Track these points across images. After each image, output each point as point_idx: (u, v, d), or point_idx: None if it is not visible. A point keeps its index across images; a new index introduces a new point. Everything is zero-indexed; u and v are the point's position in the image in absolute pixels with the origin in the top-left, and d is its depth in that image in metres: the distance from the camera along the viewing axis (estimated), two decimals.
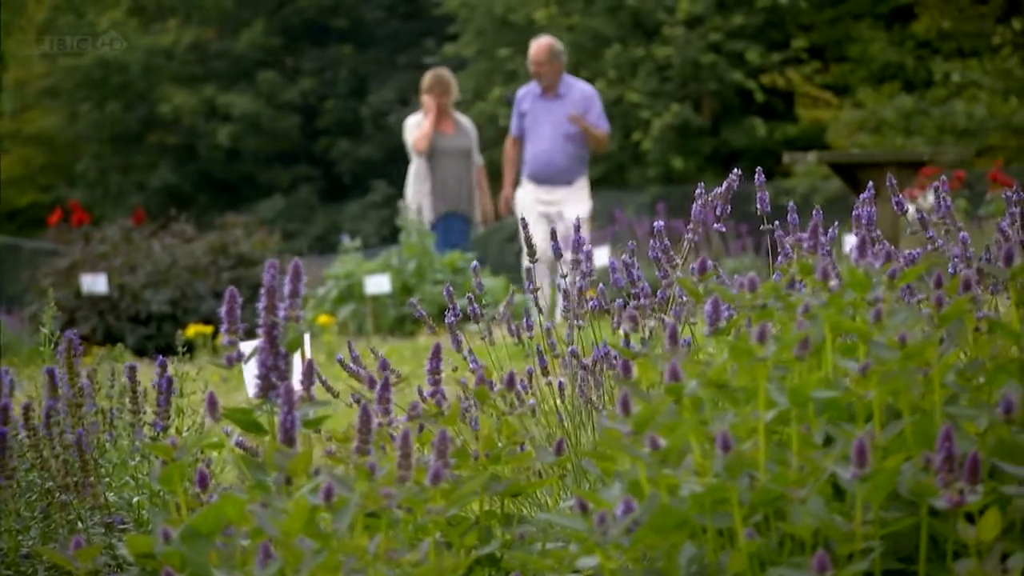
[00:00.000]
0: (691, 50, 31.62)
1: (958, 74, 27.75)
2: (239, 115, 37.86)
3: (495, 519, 2.68)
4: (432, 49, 36.62)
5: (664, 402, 2.44)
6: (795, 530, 2.40)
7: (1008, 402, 2.38)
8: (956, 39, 29.60)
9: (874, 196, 4.49)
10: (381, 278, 13.09)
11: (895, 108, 27.47)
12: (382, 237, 33.93)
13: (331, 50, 39.31)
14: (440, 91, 13.22)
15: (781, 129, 31.78)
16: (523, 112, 12.35)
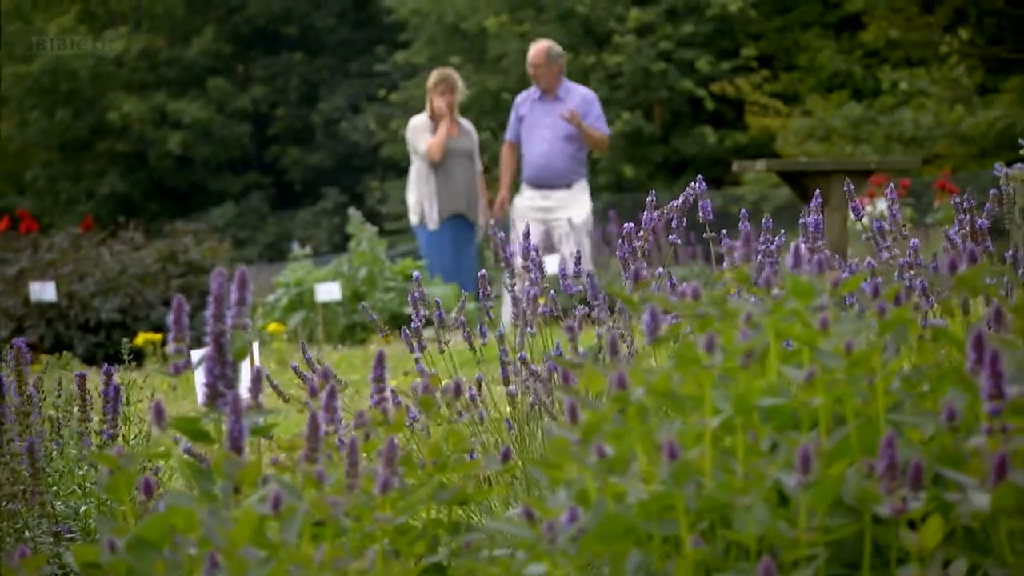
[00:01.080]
0: (641, 58, 31.72)
1: (906, 83, 27.94)
2: (189, 122, 37.72)
3: (443, 527, 2.69)
4: (383, 57, 36.61)
5: (611, 410, 2.45)
6: (740, 537, 2.41)
7: (951, 410, 2.40)
8: (904, 48, 29.80)
9: (822, 204, 4.52)
10: (332, 286, 13.07)
11: (844, 116, 27.64)
12: (333, 244, 33.89)
13: (282, 57, 39.24)
14: (446, 88, 12.95)
15: (731, 137, 31.92)
16: (521, 116, 12.23)
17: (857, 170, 10.42)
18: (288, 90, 39.09)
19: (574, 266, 4.16)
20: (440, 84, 12.86)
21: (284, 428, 7.43)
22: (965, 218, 3.67)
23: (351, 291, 13.64)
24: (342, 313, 13.44)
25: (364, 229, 14.19)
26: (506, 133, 12.55)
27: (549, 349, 4.28)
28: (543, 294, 4.44)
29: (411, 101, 34.74)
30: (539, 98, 12.15)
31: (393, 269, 14.16)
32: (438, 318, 4.14)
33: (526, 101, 12.26)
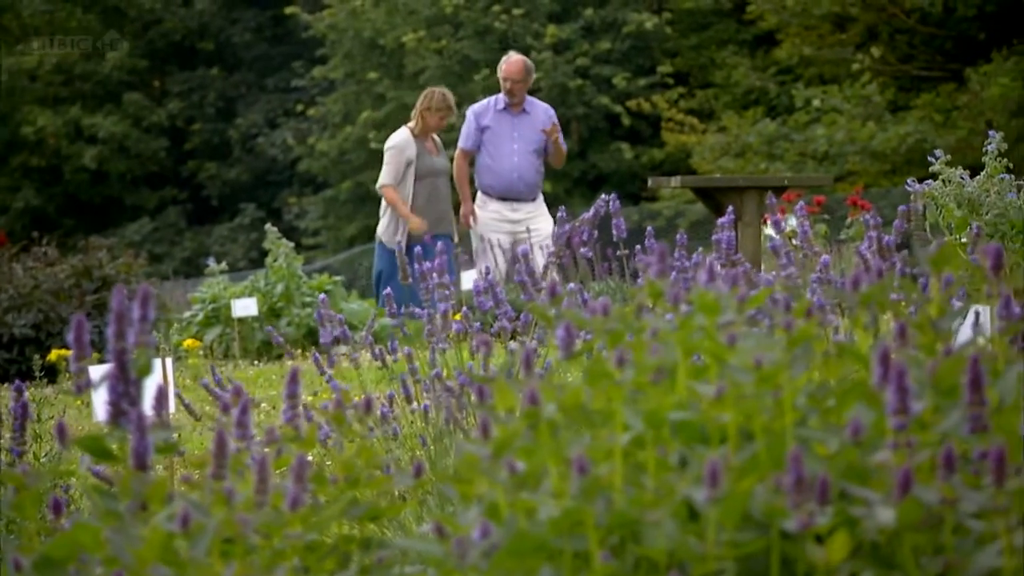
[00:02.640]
0: (559, 75, 31.84)
1: (819, 100, 28.22)
2: (105, 137, 37.46)
3: (354, 543, 2.68)
4: (301, 72, 36.51)
5: (522, 426, 2.46)
6: (650, 552, 2.42)
7: (856, 425, 2.42)
8: (817, 66, 30.12)
9: (736, 220, 4.56)
10: (248, 301, 13.01)
11: (758, 133, 27.88)
12: (251, 260, 33.75)
13: (199, 72, 39.05)
14: (445, 113, 12.57)
15: (648, 153, 32.10)
16: (484, 127, 12.08)
17: (770, 186, 10.50)
18: (205, 105, 38.91)
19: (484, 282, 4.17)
20: (443, 110, 12.42)
21: (200, 445, 7.39)
22: (874, 235, 3.71)
23: (268, 307, 13.59)
24: (259, 329, 13.38)
25: (281, 245, 14.14)
26: (461, 140, 12.19)
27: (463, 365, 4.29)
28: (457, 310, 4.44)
29: (329, 116, 34.70)
30: (503, 110, 12.08)
31: (310, 285, 14.12)
32: (343, 335, 4.14)
33: (488, 112, 12.12)
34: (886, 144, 26.55)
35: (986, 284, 2.40)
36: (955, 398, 2.43)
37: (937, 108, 27.93)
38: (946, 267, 2.50)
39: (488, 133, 12.00)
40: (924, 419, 2.40)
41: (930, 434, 2.40)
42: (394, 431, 4.35)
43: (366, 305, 14.63)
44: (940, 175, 9.00)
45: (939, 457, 2.31)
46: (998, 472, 2.26)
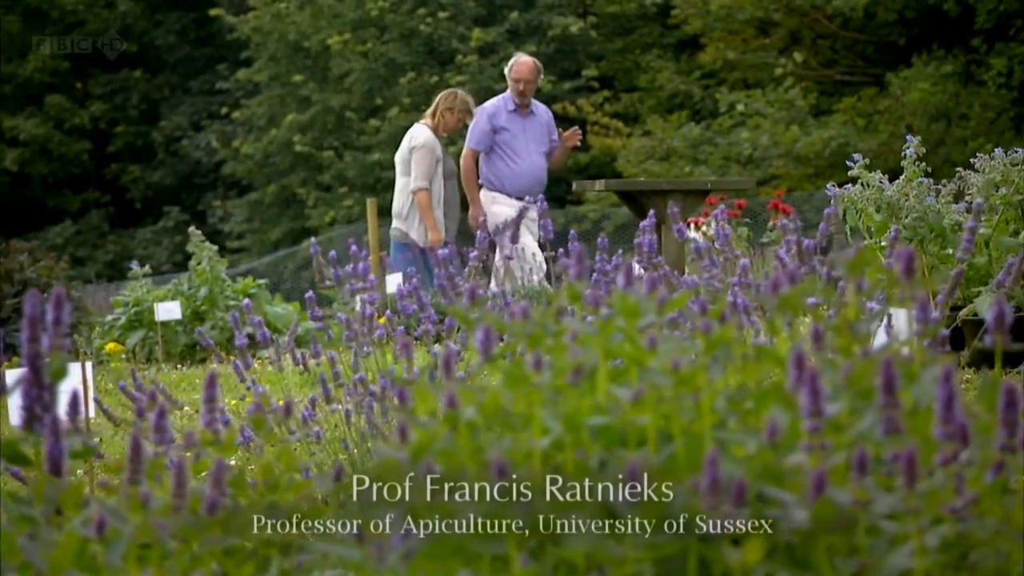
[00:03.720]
0: (485, 78, 31.84)
1: (743, 104, 28.40)
2: (26, 139, 37.11)
3: (273, 548, 2.68)
4: (225, 74, 36.33)
5: (441, 429, 2.46)
6: (569, 555, 2.43)
7: (773, 427, 2.44)
8: (741, 70, 30.30)
9: (660, 224, 4.57)
10: (172, 305, 12.93)
11: (683, 137, 28.02)
12: (175, 263, 33.54)
13: (122, 75, 38.75)
14: (464, 117, 12.30)
15: (573, 157, 32.15)
16: (500, 128, 12.00)
17: (694, 190, 10.58)
18: (128, 107, 38.63)
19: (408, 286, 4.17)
20: (464, 113, 12.16)
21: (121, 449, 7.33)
22: (792, 238, 3.74)
23: (191, 310, 13.52)
24: (182, 332, 13.30)
25: (205, 248, 14.07)
26: (471, 140, 12.03)
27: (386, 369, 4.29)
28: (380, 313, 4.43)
29: (254, 119, 34.54)
30: (513, 111, 12.07)
31: (234, 288, 14.06)
32: (262, 338, 4.12)
33: (501, 113, 12.07)
34: (809, 148, 26.77)
35: (899, 288, 2.43)
36: (870, 400, 2.46)
37: (859, 112, 28.19)
38: (861, 271, 2.52)
39: (504, 135, 11.96)
40: (839, 421, 2.42)
41: (845, 436, 2.42)
42: (316, 435, 4.34)
43: (290, 308, 14.59)
44: (860, 179, 9.08)
45: (853, 459, 2.33)
46: (910, 474, 2.28)
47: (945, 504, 2.32)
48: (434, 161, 12.02)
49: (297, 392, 7.60)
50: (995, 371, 2.50)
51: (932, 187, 9.04)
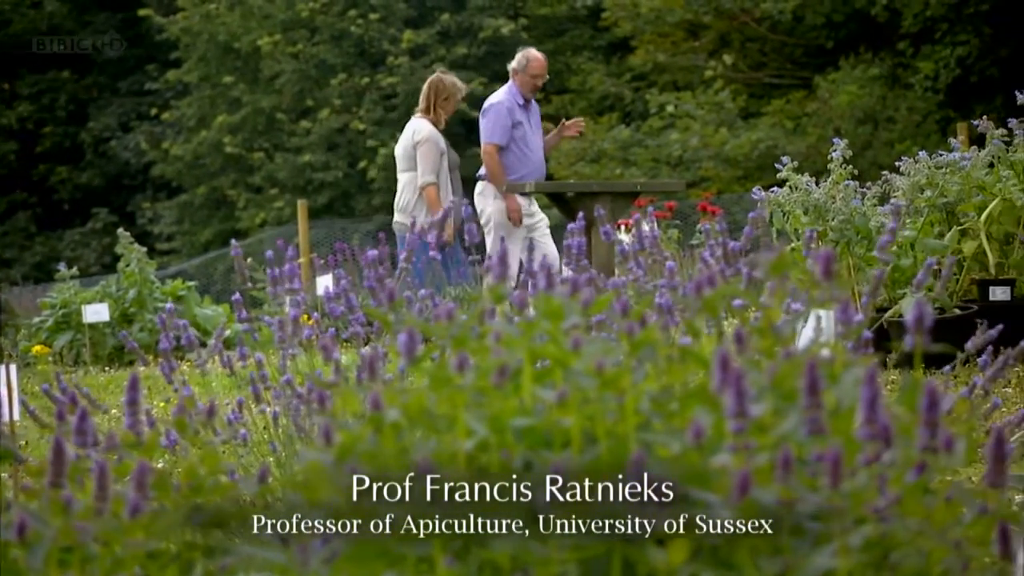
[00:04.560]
0: (416, 79, 31.80)
1: (673, 106, 28.51)
2: None
3: (197, 551, 2.66)
4: (154, 75, 36.11)
5: (365, 431, 2.46)
6: (494, 556, 2.43)
7: (697, 428, 2.45)
8: (671, 72, 30.42)
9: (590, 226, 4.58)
10: (100, 307, 12.82)
11: (613, 139, 28.10)
12: (103, 265, 33.30)
13: (49, 75, 38.41)
14: (457, 95, 12.23)
15: None
16: (517, 122, 12.00)
17: (624, 192, 10.60)
18: (56, 108, 38.29)
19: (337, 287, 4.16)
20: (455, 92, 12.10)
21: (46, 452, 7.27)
22: (718, 240, 3.76)
23: (120, 312, 13.43)
24: (110, 334, 13.21)
25: (133, 249, 13.98)
26: (495, 136, 11.85)
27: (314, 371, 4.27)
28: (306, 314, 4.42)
29: (183, 120, 34.35)
30: (522, 106, 12.09)
31: (163, 290, 13.98)
32: (187, 340, 4.10)
33: (514, 108, 12.10)
34: (738, 150, 26.91)
35: (818, 289, 2.44)
36: (794, 401, 2.47)
37: (788, 115, 28.36)
38: (783, 272, 2.54)
39: (519, 129, 11.97)
40: (764, 422, 2.43)
41: (769, 437, 2.43)
42: (243, 437, 4.32)
43: (220, 310, 14.51)
44: (788, 182, 9.14)
45: (777, 460, 2.35)
46: (834, 474, 2.30)
47: (868, 504, 2.34)
48: (439, 154, 12.01)
49: (226, 395, 7.56)
50: (916, 372, 2.52)
51: (858, 190, 9.11)
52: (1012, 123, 9.32)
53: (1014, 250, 9.09)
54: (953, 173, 9.12)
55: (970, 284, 9.11)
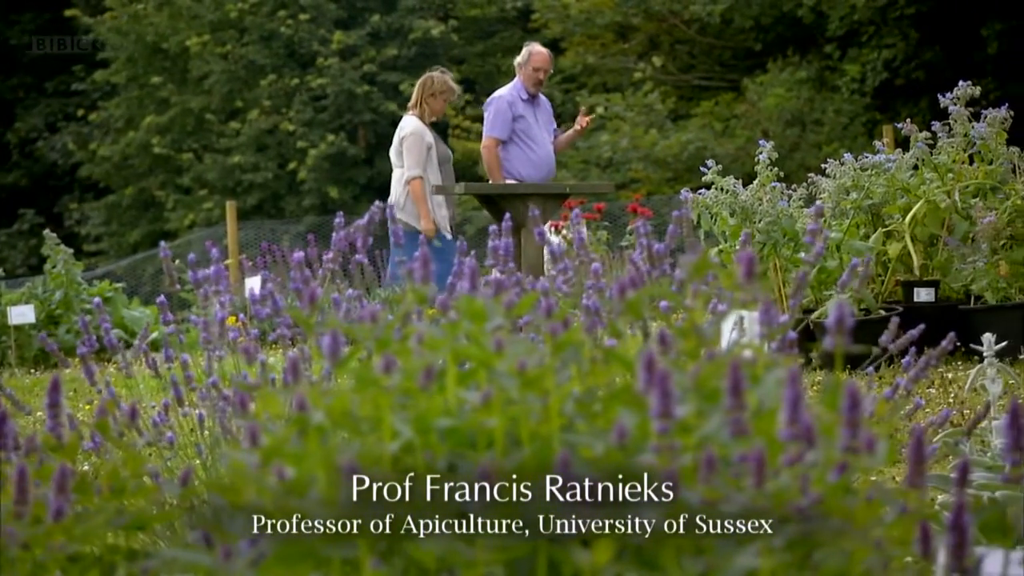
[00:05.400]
0: (346, 81, 31.75)
1: (603, 108, 28.59)
2: None
3: (119, 554, 2.65)
4: (81, 75, 35.84)
5: (290, 433, 2.45)
6: (420, 557, 2.43)
7: (621, 429, 2.46)
8: (601, 74, 30.52)
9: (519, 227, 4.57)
10: (25, 308, 12.72)
11: None
12: (30, 267, 33.03)
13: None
14: (449, 95, 12.14)
15: None
16: (518, 116, 11.94)
17: (553, 193, 10.61)
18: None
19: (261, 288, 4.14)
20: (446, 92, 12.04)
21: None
22: (645, 241, 3.77)
23: (46, 314, 13.32)
24: (36, 336, 13.10)
25: (60, 251, 13.88)
26: (495, 130, 11.88)
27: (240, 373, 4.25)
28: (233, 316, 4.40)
29: (111, 120, 34.11)
30: (527, 101, 12.03)
31: (90, 291, 13.88)
32: (109, 343, 4.07)
33: (517, 101, 12.03)
34: (668, 151, 27.02)
35: (741, 290, 2.46)
36: (717, 402, 2.48)
37: (717, 117, 28.52)
38: (705, 274, 2.55)
39: (522, 123, 11.93)
40: (688, 423, 2.44)
41: (693, 437, 2.44)
42: (169, 440, 4.30)
43: (148, 312, 14.43)
44: (715, 184, 9.19)
45: (701, 460, 2.36)
46: (757, 474, 2.31)
47: (791, 504, 2.35)
48: (424, 148, 11.95)
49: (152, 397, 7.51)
50: (837, 372, 2.54)
51: (785, 191, 9.17)
52: (936, 126, 9.42)
53: (938, 252, 9.18)
54: (878, 175, 9.20)
55: (895, 285, 9.20)
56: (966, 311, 8.60)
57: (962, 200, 9.14)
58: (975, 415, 3.65)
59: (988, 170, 9.23)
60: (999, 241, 8.71)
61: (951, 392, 7.26)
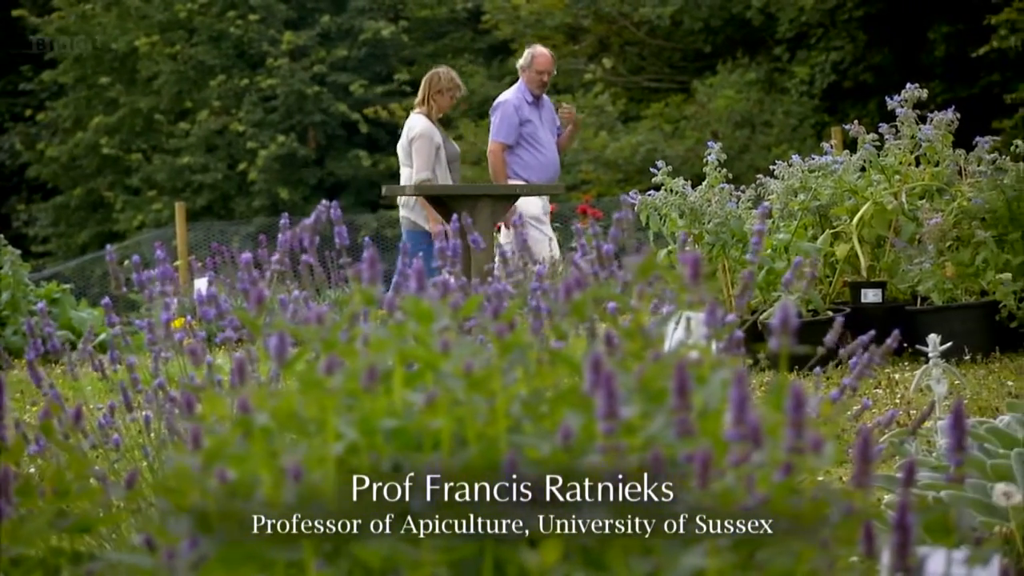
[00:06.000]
0: (296, 81, 31.68)
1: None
2: None
3: (63, 557, 2.63)
4: (29, 76, 35.61)
5: (234, 435, 2.44)
6: (365, 558, 2.42)
7: (567, 430, 2.46)
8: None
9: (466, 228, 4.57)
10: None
11: None
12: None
13: None
14: (455, 92, 12.03)
15: (386, 161, 32.12)
16: (526, 120, 11.90)
17: (503, 195, 10.61)
18: None
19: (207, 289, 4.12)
20: (452, 89, 11.99)
21: None
22: (586, 244, 3.78)
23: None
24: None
25: (7, 252, 13.79)
26: (501, 134, 11.89)
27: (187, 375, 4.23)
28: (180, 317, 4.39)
29: (59, 121, 33.92)
30: (532, 103, 11.99)
31: (37, 293, 13.80)
32: (52, 347, 4.04)
33: (523, 105, 11.99)
34: (618, 153, 27.07)
35: (687, 291, 2.46)
36: (663, 403, 2.49)
37: (667, 119, 28.59)
38: (650, 275, 2.55)
39: (529, 127, 11.89)
40: (633, 423, 2.45)
41: (639, 438, 2.44)
42: (115, 442, 4.27)
43: (96, 313, 14.36)
44: (664, 185, 9.21)
45: (647, 461, 2.36)
46: (703, 474, 2.31)
47: (737, 504, 2.36)
48: (434, 148, 11.89)
49: (99, 399, 7.47)
50: (782, 373, 2.55)
51: (734, 193, 9.20)
52: (883, 128, 9.47)
53: (885, 253, 9.23)
54: (826, 177, 9.24)
55: (843, 286, 9.24)
56: (913, 312, 8.65)
57: (909, 202, 9.20)
58: (920, 415, 3.67)
59: (934, 172, 9.29)
60: (945, 242, 8.77)
61: (898, 393, 7.30)
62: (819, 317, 8.61)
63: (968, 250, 8.72)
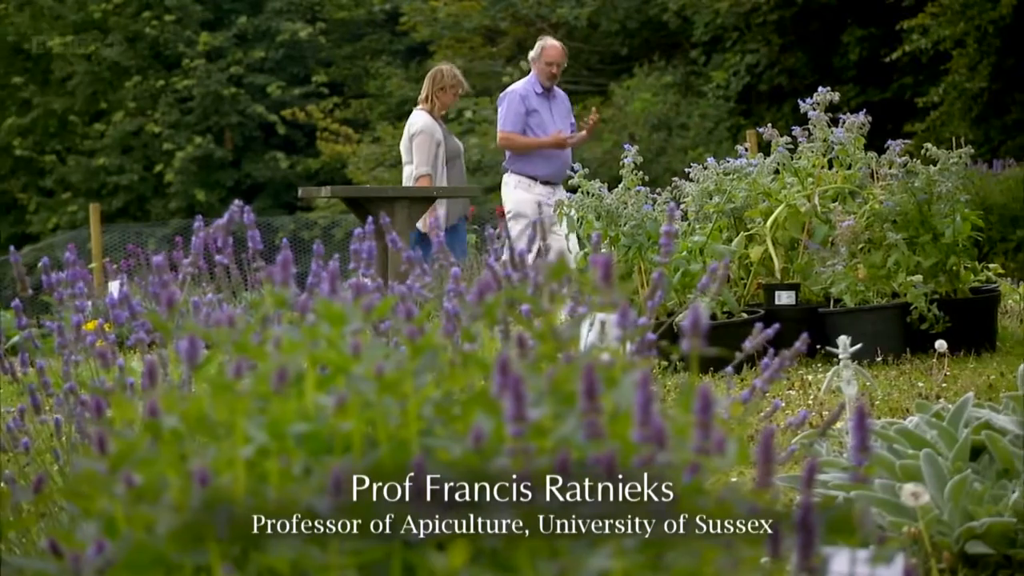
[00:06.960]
0: (212, 82, 31.52)
1: (471, 111, 28.62)
2: None
3: None
4: None
5: (142, 439, 2.43)
6: (273, 562, 2.42)
7: (478, 432, 2.46)
8: (469, 78, 30.52)
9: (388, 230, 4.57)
10: None
11: None
12: None
13: None
14: (458, 89, 11.98)
15: (303, 163, 32.04)
16: (532, 110, 11.81)
17: (419, 197, 10.60)
18: None
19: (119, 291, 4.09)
20: (456, 86, 11.90)
21: None
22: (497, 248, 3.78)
23: None
24: None
25: None
26: (507, 124, 11.77)
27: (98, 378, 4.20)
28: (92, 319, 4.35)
29: None
30: (541, 95, 11.91)
31: None
32: None
33: (531, 96, 11.89)
34: None
35: (599, 293, 2.48)
36: (573, 405, 2.50)
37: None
38: (562, 277, 2.56)
39: (536, 117, 11.82)
40: (543, 426, 2.45)
41: (549, 440, 2.45)
42: (25, 445, 4.24)
43: (8, 316, 14.23)
44: (581, 188, 9.24)
45: (556, 463, 2.37)
46: (610, 476, 2.33)
47: (644, 505, 2.37)
48: (434, 145, 11.84)
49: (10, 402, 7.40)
50: (692, 374, 2.57)
51: (650, 195, 9.24)
52: (796, 131, 9.55)
53: (799, 255, 9.30)
54: (740, 179, 9.31)
55: (757, 288, 9.31)
56: (825, 314, 8.72)
57: (822, 204, 9.27)
58: (830, 416, 3.70)
59: (847, 175, 9.37)
60: (857, 245, 8.85)
61: (810, 394, 7.36)
62: (734, 319, 8.67)
63: (880, 252, 8.81)
